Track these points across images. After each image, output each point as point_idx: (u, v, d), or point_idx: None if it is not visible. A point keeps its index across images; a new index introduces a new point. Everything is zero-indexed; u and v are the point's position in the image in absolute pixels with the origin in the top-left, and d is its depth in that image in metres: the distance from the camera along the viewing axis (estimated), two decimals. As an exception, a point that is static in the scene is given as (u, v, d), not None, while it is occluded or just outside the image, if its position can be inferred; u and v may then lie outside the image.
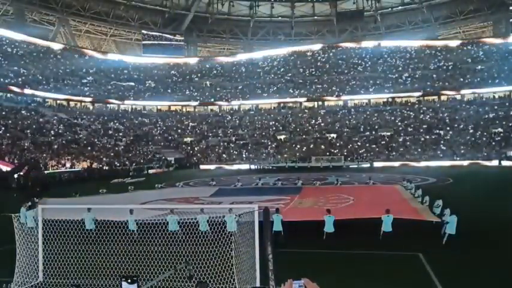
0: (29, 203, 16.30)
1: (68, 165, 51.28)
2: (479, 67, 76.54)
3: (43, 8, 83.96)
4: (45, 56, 78.31)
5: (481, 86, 71.46)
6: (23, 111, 62.22)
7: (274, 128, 74.59)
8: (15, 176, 39.43)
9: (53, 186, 35.73)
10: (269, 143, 70.07)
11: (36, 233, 10.05)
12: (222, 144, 71.22)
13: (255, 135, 73.32)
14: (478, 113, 67.68)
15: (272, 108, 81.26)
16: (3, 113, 58.52)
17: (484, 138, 61.54)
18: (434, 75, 77.83)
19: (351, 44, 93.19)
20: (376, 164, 57.40)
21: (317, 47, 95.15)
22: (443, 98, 74.21)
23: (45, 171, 44.44)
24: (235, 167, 61.95)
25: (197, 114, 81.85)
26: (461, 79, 74.64)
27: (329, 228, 13.30)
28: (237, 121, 78.23)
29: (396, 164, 57.78)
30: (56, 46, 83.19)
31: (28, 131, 56.46)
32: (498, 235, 14.32)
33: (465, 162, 56.21)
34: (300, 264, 10.96)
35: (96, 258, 9.67)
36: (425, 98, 75.08)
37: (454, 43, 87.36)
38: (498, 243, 13.24)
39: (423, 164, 56.47)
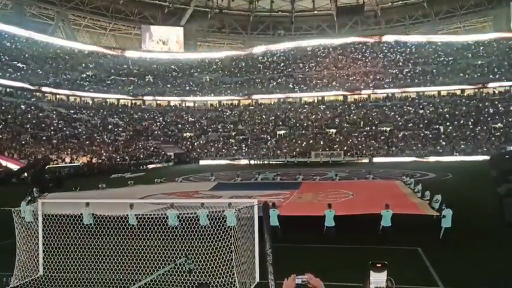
0: (29, 198, 16.30)
1: (68, 160, 51.31)
2: (479, 62, 76.44)
3: (42, 2, 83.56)
4: (44, 51, 78.08)
5: (481, 81, 71.39)
6: (22, 106, 62.14)
7: (273, 123, 74.59)
8: (25, 174, 39.56)
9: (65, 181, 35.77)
10: (269, 138, 70.09)
11: (36, 228, 10.07)
12: (221, 139, 71.24)
13: (255, 130, 73.31)
14: (478, 108, 67.70)
15: (272, 103, 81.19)
16: (3, 107, 58.43)
17: (484, 133, 61.55)
18: (434, 71, 77.75)
19: (351, 39, 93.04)
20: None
21: (317, 42, 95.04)
22: (443, 93, 74.17)
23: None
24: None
25: (196, 109, 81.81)
26: (461, 74, 74.56)
27: (329, 222, 13.30)
28: (237, 116, 78.20)
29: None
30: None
31: (28, 126, 56.42)
32: (496, 229, 14.36)
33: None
34: (299, 259, 11.00)
35: (96, 253, 9.69)
36: (425, 93, 75.05)
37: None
38: (496, 237, 13.28)
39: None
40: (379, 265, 2.56)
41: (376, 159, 58.00)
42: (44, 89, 68.58)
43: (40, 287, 9.27)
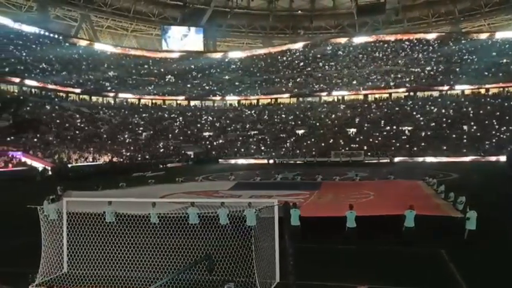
0: (52, 196, 16.61)
1: (90, 158, 52.26)
2: (505, 60, 74.57)
3: (65, 4, 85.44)
4: (68, 51, 79.61)
5: (506, 80, 69.66)
6: (47, 106, 63.48)
7: (293, 123, 74.30)
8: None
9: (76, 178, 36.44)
10: (288, 138, 69.85)
11: (60, 225, 10.25)
12: (240, 138, 71.36)
13: (274, 129, 73.16)
14: (503, 107, 66.01)
15: (291, 102, 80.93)
16: (29, 108, 59.80)
17: (509, 133, 59.91)
18: (458, 69, 76.21)
19: (371, 37, 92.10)
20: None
21: (339, 40, 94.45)
22: (467, 92, 72.65)
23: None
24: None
25: (216, 109, 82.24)
26: (486, 72, 72.86)
27: (351, 223, 13.15)
28: (256, 116, 78.20)
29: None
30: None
31: (52, 125, 57.62)
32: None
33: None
34: (321, 260, 10.92)
35: (119, 251, 9.81)
36: (448, 92, 73.64)
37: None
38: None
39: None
40: None
41: (397, 159, 57.19)
42: (68, 89, 69.97)
43: (64, 284, 9.45)
